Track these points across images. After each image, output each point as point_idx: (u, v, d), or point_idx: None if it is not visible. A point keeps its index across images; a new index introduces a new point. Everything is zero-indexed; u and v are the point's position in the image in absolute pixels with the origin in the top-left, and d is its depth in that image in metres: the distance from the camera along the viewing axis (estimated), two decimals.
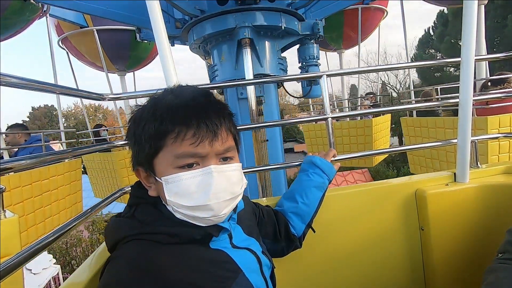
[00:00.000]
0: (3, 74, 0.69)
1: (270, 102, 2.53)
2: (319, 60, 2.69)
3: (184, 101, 0.61)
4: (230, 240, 0.68)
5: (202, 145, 0.58)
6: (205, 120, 0.59)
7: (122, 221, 0.63)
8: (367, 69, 1.44)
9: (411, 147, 1.41)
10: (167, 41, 1.09)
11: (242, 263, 0.64)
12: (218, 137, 0.60)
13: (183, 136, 0.58)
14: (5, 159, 0.72)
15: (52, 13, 4.16)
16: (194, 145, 0.58)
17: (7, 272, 0.60)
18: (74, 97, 1.07)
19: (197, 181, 0.59)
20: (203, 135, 0.58)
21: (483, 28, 4.54)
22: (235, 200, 0.63)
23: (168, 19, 2.55)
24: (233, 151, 0.64)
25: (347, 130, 5.23)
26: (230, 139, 0.64)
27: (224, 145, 0.61)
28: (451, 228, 1.14)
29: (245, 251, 0.68)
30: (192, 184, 0.59)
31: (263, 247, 0.77)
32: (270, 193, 2.35)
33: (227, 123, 0.63)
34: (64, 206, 3.65)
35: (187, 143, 0.58)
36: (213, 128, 0.59)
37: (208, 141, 0.59)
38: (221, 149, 0.61)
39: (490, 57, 1.53)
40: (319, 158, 1.07)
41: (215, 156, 0.61)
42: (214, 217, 0.60)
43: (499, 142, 2.90)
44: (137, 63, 6.12)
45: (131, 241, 0.58)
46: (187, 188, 0.58)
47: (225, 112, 0.65)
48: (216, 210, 0.59)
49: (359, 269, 1.16)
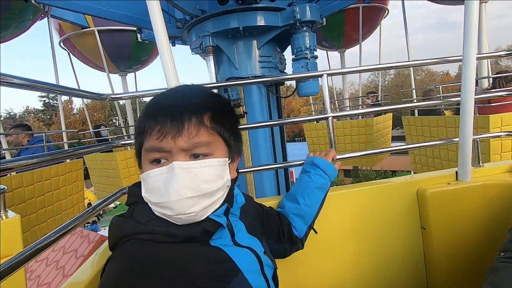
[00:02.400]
0: (5, 74, 0.69)
1: (251, 103, 2.44)
2: (315, 51, 2.34)
3: (163, 98, 0.64)
4: (232, 237, 0.67)
5: (166, 140, 0.58)
6: (170, 116, 0.59)
7: (121, 221, 0.63)
8: (368, 68, 1.43)
9: (413, 146, 1.40)
10: (167, 41, 1.09)
11: (241, 263, 0.63)
12: (183, 133, 0.58)
13: (151, 131, 0.60)
14: (6, 159, 0.73)
15: (53, 14, 4.18)
16: (158, 140, 0.59)
17: (8, 272, 0.61)
18: (75, 97, 1.07)
19: (162, 178, 0.59)
20: (167, 130, 0.58)
21: (484, 27, 4.52)
22: (207, 198, 0.60)
23: (168, 19, 2.55)
24: (206, 147, 0.61)
25: (348, 129, 5.22)
26: (202, 135, 0.60)
27: (190, 141, 0.59)
28: (453, 227, 1.13)
29: (246, 250, 0.68)
30: (158, 181, 0.59)
31: (266, 248, 0.77)
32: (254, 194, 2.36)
33: (201, 119, 0.61)
34: (66, 206, 3.66)
35: (153, 138, 0.59)
36: (177, 123, 0.58)
37: (171, 137, 0.58)
38: (186, 145, 0.59)
39: (492, 55, 1.53)
40: (320, 159, 1.07)
41: (181, 152, 0.59)
42: (180, 215, 0.58)
43: (501, 141, 2.89)
44: (138, 63, 6.14)
45: (130, 241, 0.59)
46: (154, 185, 0.59)
47: (204, 108, 0.62)
48: (178, 208, 0.57)
49: (361, 268, 1.15)
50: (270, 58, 2.42)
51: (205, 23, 2.31)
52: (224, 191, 0.64)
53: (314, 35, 2.30)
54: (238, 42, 2.36)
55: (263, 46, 2.37)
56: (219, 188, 0.62)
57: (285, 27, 2.29)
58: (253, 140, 2.45)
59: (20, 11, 3.45)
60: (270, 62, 2.42)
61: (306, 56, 2.26)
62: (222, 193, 0.64)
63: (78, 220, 0.86)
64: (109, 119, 30.88)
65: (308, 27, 2.27)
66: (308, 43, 2.27)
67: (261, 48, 2.38)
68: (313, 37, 2.30)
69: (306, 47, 2.26)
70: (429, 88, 5.37)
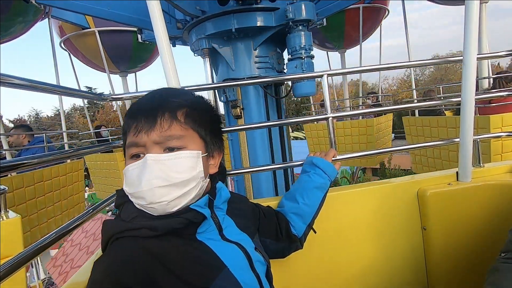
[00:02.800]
0: (7, 75, 0.69)
1: (248, 104, 2.43)
2: (311, 51, 2.25)
3: (142, 100, 0.69)
4: (219, 231, 0.69)
5: (140, 136, 0.63)
6: (146, 114, 0.64)
7: (109, 222, 0.65)
8: (368, 68, 1.43)
9: (413, 146, 1.40)
10: (168, 42, 1.09)
11: (227, 259, 0.64)
12: (156, 127, 0.62)
13: (129, 128, 0.65)
14: (7, 159, 0.73)
15: (54, 15, 4.18)
16: (135, 136, 0.63)
17: (9, 272, 0.61)
18: (76, 97, 1.07)
19: (137, 171, 0.62)
20: (141, 125, 0.63)
21: (484, 27, 4.52)
22: (179, 188, 0.62)
23: (169, 19, 2.55)
24: (179, 140, 0.64)
25: (349, 129, 5.23)
26: (174, 129, 0.64)
27: (163, 134, 0.63)
28: (453, 228, 1.13)
29: (233, 246, 0.68)
30: (133, 174, 0.63)
31: (257, 244, 0.77)
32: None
33: (174, 114, 0.65)
34: (67, 207, 3.67)
35: (131, 134, 0.64)
36: (150, 119, 0.63)
37: (144, 131, 0.62)
38: (158, 139, 0.62)
39: (492, 56, 1.53)
40: (319, 159, 1.07)
41: (155, 145, 0.63)
42: (152, 204, 0.60)
43: (501, 141, 2.89)
44: (138, 64, 6.15)
45: (115, 241, 0.61)
46: (131, 178, 0.63)
47: (178, 106, 0.66)
48: (149, 197, 0.60)
49: (361, 268, 1.15)
50: (266, 59, 2.39)
51: (201, 25, 2.31)
52: (197, 182, 0.65)
53: (309, 34, 2.23)
54: (234, 44, 2.35)
55: (259, 46, 2.35)
56: (190, 179, 0.64)
57: (279, 27, 2.25)
58: (251, 141, 2.44)
59: (20, 12, 3.46)
60: (267, 62, 2.38)
61: (300, 56, 2.21)
62: (194, 184, 0.65)
63: (78, 220, 0.86)
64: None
65: (304, 26, 2.20)
66: (303, 43, 2.20)
67: (257, 49, 2.35)
68: (308, 36, 2.22)
69: (300, 46, 2.20)
70: (429, 88, 5.37)
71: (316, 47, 6.86)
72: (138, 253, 0.57)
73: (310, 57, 2.24)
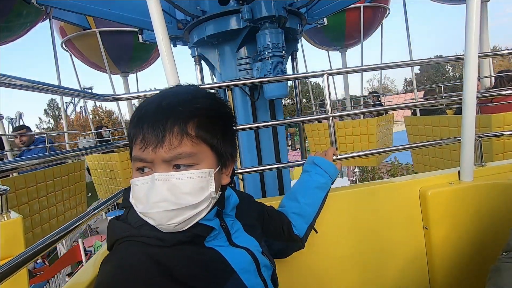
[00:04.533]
0: (9, 76, 0.70)
1: (236, 105, 2.40)
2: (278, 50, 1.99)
3: (148, 105, 0.61)
4: (228, 237, 0.67)
5: (147, 151, 0.57)
6: (152, 125, 0.57)
7: (116, 224, 0.63)
8: (369, 67, 1.43)
9: (415, 145, 1.40)
10: (168, 42, 1.09)
11: (235, 264, 0.62)
12: (165, 143, 0.56)
13: (135, 139, 0.59)
14: (8, 160, 0.73)
15: (55, 15, 4.19)
16: (141, 150, 0.57)
17: (10, 272, 0.61)
18: (77, 97, 1.08)
19: (144, 188, 0.58)
20: (148, 140, 0.56)
21: (486, 26, 4.50)
22: (189, 210, 0.57)
23: (169, 20, 2.56)
24: (189, 157, 0.58)
25: (350, 129, 5.22)
26: (185, 145, 0.57)
27: (172, 152, 0.56)
28: (455, 227, 1.13)
29: (242, 251, 0.67)
30: (140, 190, 0.58)
31: (264, 248, 0.76)
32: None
33: (184, 128, 0.57)
34: (69, 207, 3.68)
35: (137, 147, 0.58)
36: (158, 133, 0.56)
37: (152, 148, 0.56)
38: (167, 156, 0.56)
39: (493, 54, 1.52)
40: (320, 158, 1.07)
41: (163, 163, 0.57)
42: (161, 225, 0.57)
43: (503, 140, 2.87)
44: (139, 64, 6.16)
45: (123, 243, 0.59)
46: (137, 194, 0.59)
47: (189, 116, 0.59)
48: (158, 219, 0.56)
49: (363, 269, 1.15)
50: (247, 60, 2.29)
51: (191, 33, 2.30)
52: (208, 202, 0.61)
53: (277, 31, 2.00)
54: (219, 48, 2.35)
55: (240, 49, 2.29)
56: (201, 201, 0.59)
57: (247, 28, 2.11)
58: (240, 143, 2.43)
59: (22, 13, 3.46)
60: (248, 64, 2.30)
61: (264, 57, 2.01)
62: (206, 205, 0.60)
63: (80, 220, 0.87)
64: None
65: (273, 24, 2.00)
66: (267, 42, 1.99)
67: (238, 52, 2.30)
68: (275, 34, 1.98)
69: (264, 46, 2.00)
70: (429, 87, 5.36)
71: (317, 46, 6.86)
72: (146, 260, 0.55)
73: (278, 56, 2.01)
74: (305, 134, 5.46)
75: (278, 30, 2.01)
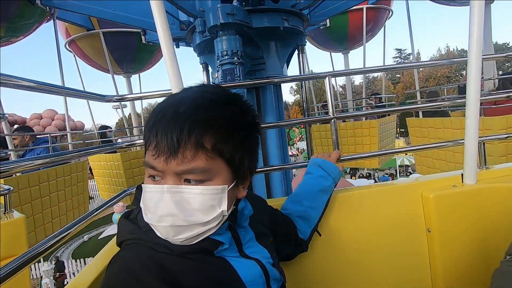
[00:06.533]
0: (13, 76, 0.70)
1: None
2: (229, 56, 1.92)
3: (165, 108, 0.56)
4: (239, 248, 0.64)
5: (158, 160, 0.53)
6: (166, 133, 0.52)
7: (126, 223, 0.62)
8: (372, 69, 1.43)
9: (418, 147, 1.39)
10: (171, 43, 1.09)
11: (245, 276, 0.60)
12: (178, 155, 0.52)
13: (149, 145, 0.56)
14: (12, 160, 0.73)
15: (59, 16, 4.22)
16: (153, 158, 0.54)
17: (13, 272, 0.61)
18: (81, 98, 1.08)
19: (153, 197, 0.55)
20: (161, 150, 0.53)
21: (490, 27, 4.49)
22: (197, 227, 0.54)
23: (173, 21, 2.57)
24: (203, 173, 0.54)
25: (352, 130, 5.20)
26: (199, 160, 0.53)
27: (184, 166, 0.53)
28: (458, 230, 1.12)
29: (252, 262, 0.64)
30: (150, 199, 0.56)
31: (275, 260, 0.72)
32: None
33: (200, 141, 0.53)
34: (71, 207, 3.69)
35: (150, 153, 0.55)
36: (172, 144, 0.52)
37: (164, 158, 0.53)
38: (179, 169, 0.53)
39: (497, 56, 1.51)
40: (324, 161, 1.06)
41: (174, 175, 0.54)
42: (168, 239, 0.55)
43: (507, 143, 2.86)
44: (143, 65, 6.18)
45: (131, 244, 0.58)
46: (146, 202, 0.56)
47: (206, 127, 0.54)
48: (164, 233, 0.54)
49: (365, 271, 1.14)
50: None
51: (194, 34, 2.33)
52: (219, 220, 0.57)
53: (228, 39, 1.94)
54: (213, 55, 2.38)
55: None
56: (211, 220, 0.55)
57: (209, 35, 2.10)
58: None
59: (26, 13, 3.48)
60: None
61: (221, 63, 1.97)
62: (216, 223, 0.56)
63: (82, 220, 0.87)
64: None
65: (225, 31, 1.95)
66: (217, 51, 1.98)
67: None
68: (226, 42, 1.93)
69: (217, 56, 1.98)
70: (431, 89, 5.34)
71: (319, 48, 6.86)
72: (153, 266, 0.53)
73: (229, 63, 1.95)
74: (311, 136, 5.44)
75: (231, 37, 1.96)
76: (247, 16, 2.02)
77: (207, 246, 0.57)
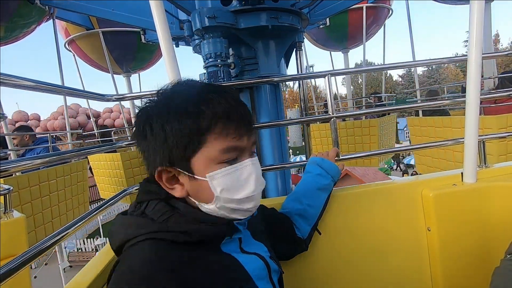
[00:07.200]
0: (13, 76, 0.70)
1: None
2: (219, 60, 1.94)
3: (217, 97, 0.60)
4: (239, 244, 0.66)
5: (242, 140, 0.61)
6: (243, 115, 0.62)
7: (131, 219, 0.59)
8: (372, 68, 1.43)
9: (418, 146, 1.39)
10: (170, 43, 1.09)
11: (251, 270, 0.62)
12: (252, 131, 0.64)
13: (227, 131, 0.59)
14: (12, 160, 0.73)
15: (58, 15, 4.22)
16: (236, 139, 0.60)
17: (13, 271, 0.61)
18: (80, 98, 1.08)
19: (243, 173, 0.62)
20: (243, 129, 0.61)
21: (490, 26, 4.48)
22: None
23: (172, 20, 2.57)
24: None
25: (352, 130, 5.20)
26: (255, 134, 0.67)
27: (254, 139, 0.65)
28: (458, 229, 1.12)
29: (254, 256, 0.66)
30: (240, 177, 0.61)
31: (272, 252, 0.75)
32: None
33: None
34: (71, 207, 3.69)
35: (230, 137, 0.60)
36: (249, 122, 0.63)
37: (247, 136, 0.62)
38: (252, 143, 0.65)
39: (497, 55, 1.51)
40: (323, 159, 1.06)
41: (249, 150, 0.64)
42: (255, 207, 0.64)
43: (506, 142, 2.86)
44: (142, 65, 6.17)
45: (144, 241, 0.55)
46: (236, 182, 0.61)
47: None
48: (257, 199, 0.64)
49: (365, 270, 1.14)
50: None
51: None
52: None
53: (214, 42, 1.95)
54: None
55: None
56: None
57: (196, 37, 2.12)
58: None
59: (25, 13, 3.48)
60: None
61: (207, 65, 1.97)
62: None
63: (82, 220, 0.87)
64: None
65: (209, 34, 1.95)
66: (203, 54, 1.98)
67: None
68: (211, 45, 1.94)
69: (204, 58, 1.99)
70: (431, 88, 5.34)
71: (319, 47, 6.86)
72: (172, 258, 0.53)
73: (213, 65, 1.96)
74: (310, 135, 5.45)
75: (216, 40, 1.98)
76: (232, 18, 2.04)
77: (225, 229, 0.62)
